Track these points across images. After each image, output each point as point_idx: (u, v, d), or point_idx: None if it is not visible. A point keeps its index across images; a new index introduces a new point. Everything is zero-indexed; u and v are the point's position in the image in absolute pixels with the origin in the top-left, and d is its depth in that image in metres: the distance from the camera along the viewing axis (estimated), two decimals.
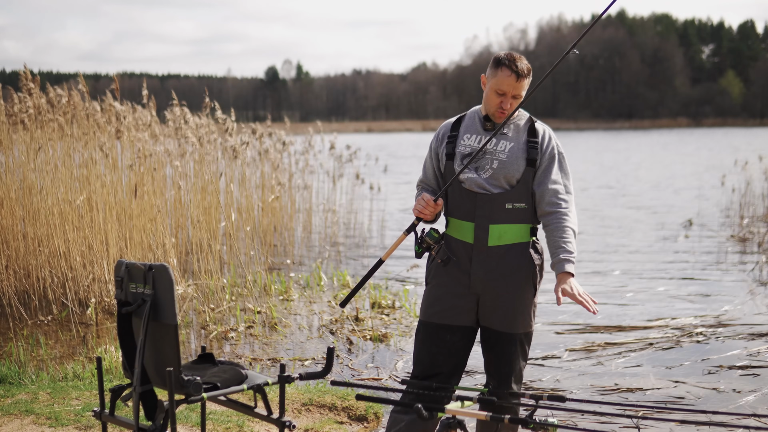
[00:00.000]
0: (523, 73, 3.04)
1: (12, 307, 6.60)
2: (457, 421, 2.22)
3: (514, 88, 3.04)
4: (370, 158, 13.03)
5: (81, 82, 7.41)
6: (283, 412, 2.72)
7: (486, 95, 3.12)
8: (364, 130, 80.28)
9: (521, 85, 3.05)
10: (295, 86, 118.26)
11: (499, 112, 3.08)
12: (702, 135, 57.25)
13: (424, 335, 3.18)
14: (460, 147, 3.15)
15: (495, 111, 3.09)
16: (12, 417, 4.11)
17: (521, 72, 3.03)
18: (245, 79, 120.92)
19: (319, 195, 12.09)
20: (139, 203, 7.29)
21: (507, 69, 3.03)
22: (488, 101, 3.10)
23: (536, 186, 3.09)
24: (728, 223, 12.80)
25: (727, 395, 4.84)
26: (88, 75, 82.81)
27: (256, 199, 9.72)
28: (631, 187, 19.30)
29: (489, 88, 3.09)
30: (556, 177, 3.09)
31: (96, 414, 2.80)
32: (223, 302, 6.94)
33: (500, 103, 3.06)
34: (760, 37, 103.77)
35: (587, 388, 4.99)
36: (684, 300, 7.49)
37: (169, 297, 2.58)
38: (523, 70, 3.04)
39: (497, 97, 3.07)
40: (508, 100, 3.05)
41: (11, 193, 7.10)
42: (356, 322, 6.50)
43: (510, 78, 3.03)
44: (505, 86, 3.04)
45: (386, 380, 5.18)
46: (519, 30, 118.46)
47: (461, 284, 3.11)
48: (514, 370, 3.15)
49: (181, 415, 4.19)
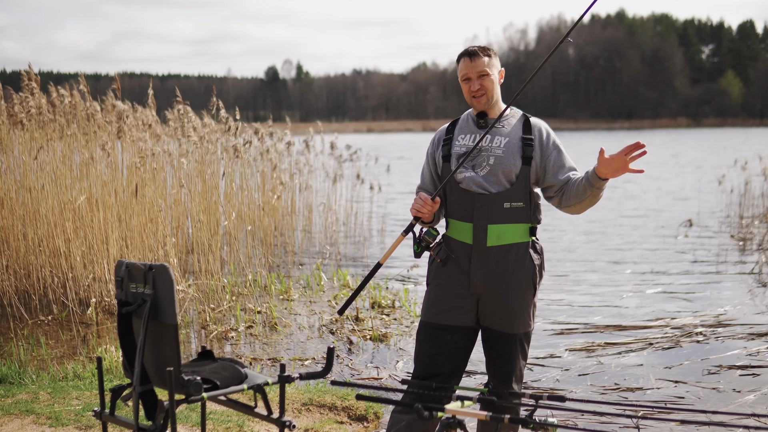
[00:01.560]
0: (475, 52, 3.13)
1: (12, 307, 6.60)
2: (457, 421, 2.22)
3: (473, 68, 3.12)
4: (370, 158, 13.01)
5: (82, 82, 7.41)
6: (283, 412, 2.72)
7: (462, 92, 3.21)
8: (364, 130, 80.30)
9: (479, 63, 3.12)
10: (295, 86, 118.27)
11: (473, 98, 3.16)
12: (702, 135, 57.25)
13: (424, 336, 3.19)
14: (456, 147, 3.18)
15: (470, 99, 3.18)
16: (12, 417, 4.11)
17: (472, 51, 3.14)
18: (245, 79, 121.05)
19: (318, 195, 12.09)
20: (140, 203, 7.29)
21: (463, 57, 3.17)
22: (465, 95, 3.20)
23: (552, 177, 3.12)
24: (728, 223, 12.80)
25: (727, 395, 4.84)
26: (89, 75, 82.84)
27: (258, 199, 9.72)
28: (630, 187, 19.30)
29: (460, 82, 3.20)
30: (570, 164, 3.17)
31: (96, 414, 2.80)
32: (223, 302, 6.94)
33: (469, 87, 3.14)
34: (759, 37, 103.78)
35: (587, 388, 4.99)
36: (684, 300, 7.49)
37: (169, 297, 2.58)
38: (474, 49, 3.14)
39: (466, 85, 3.17)
40: (475, 81, 3.14)
41: (11, 193, 7.10)
42: (356, 322, 6.50)
43: (466, 61, 3.14)
44: (465, 70, 3.15)
45: (386, 380, 5.18)
46: (519, 30, 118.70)
47: (461, 285, 3.12)
48: (515, 369, 3.16)
49: (181, 414, 4.19)
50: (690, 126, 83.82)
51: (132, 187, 7.25)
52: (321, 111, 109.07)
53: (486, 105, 3.15)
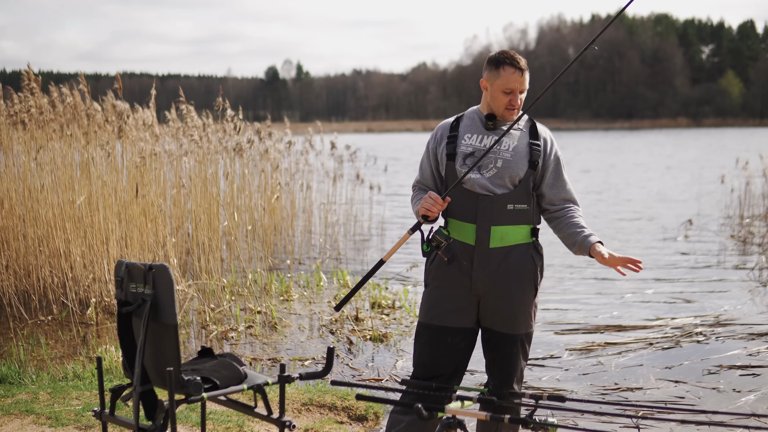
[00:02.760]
0: (526, 68, 3.13)
1: (12, 307, 6.60)
2: (457, 421, 2.22)
3: (521, 83, 3.11)
4: (369, 159, 13.01)
5: (82, 82, 7.41)
6: (283, 412, 2.72)
7: (492, 96, 3.13)
8: (364, 130, 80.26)
9: (525, 79, 3.12)
10: (295, 86, 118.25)
11: (509, 110, 3.12)
12: (702, 135, 57.24)
13: (425, 337, 3.17)
14: (462, 147, 3.15)
15: (504, 110, 3.12)
16: (12, 417, 4.11)
17: (524, 67, 3.12)
18: (245, 79, 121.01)
19: (319, 195, 12.10)
20: (140, 203, 7.29)
21: (510, 67, 3.08)
22: (495, 101, 3.12)
23: (546, 188, 3.16)
24: (728, 223, 12.80)
25: (727, 395, 4.84)
26: (89, 75, 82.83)
27: (258, 199, 9.72)
28: (631, 187, 19.30)
29: (495, 89, 3.11)
30: (565, 179, 3.20)
31: (96, 414, 2.80)
32: (223, 302, 6.94)
33: (509, 101, 3.10)
34: (759, 37, 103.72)
35: (587, 388, 4.99)
36: (684, 300, 7.49)
37: (169, 297, 2.58)
38: (525, 64, 3.13)
39: (506, 96, 3.10)
40: (517, 95, 3.11)
41: (11, 193, 7.10)
42: (356, 322, 6.50)
43: (515, 74, 3.08)
44: (512, 83, 3.08)
45: (386, 380, 5.18)
46: (519, 30, 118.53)
47: (462, 286, 3.11)
48: (516, 370, 3.16)
49: (181, 414, 4.19)
50: (690, 126, 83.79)
51: (132, 187, 7.25)
52: (321, 111, 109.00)
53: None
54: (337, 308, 3.25)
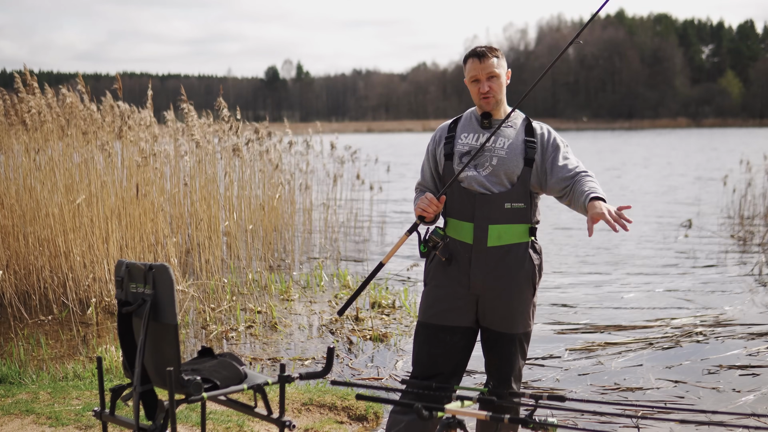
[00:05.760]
0: (484, 53, 3.12)
1: (12, 307, 6.60)
2: (457, 420, 2.22)
3: (483, 69, 3.11)
4: (370, 159, 13.01)
5: (80, 83, 7.41)
6: (283, 412, 2.72)
7: (470, 92, 3.20)
8: (364, 130, 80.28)
9: (488, 64, 3.11)
10: (295, 86, 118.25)
11: (483, 99, 3.14)
12: (701, 135, 57.25)
13: (423, 337, 3.18)
14: (458, 146, 3.17)
15: (479, 100, 3.16)
16: (12, 417, 4.11)
17: (481, 53, 3.12)
18: (245, 79, 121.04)
19: (319, 195, 12.09)
20: (140, 203, 7.29)
21: (471, 57, 3.15)
22: (472, 95, 3.19)
23: (553, 175, 3.09)
24: (728, 223, 12.80)
25: (727, 395, 4.84)
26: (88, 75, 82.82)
27: (258, 198, 9.72)
28: (631, 187, 19.30)
29: (467, 83, 3.19)
30: (566, 157, 3.13)
31: (96, 414, 2.80)
32: (223, 302, 6.94)
33: (479, 89, 3.13)
34: (759, 37, 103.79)
35: (587, 388, 4.99)
36: (684, 300, 7.49)
37: (169, 297, 2.58)
38: (483, 50, 3.13)
39: (475, 86, 3.15)
40: (484, 83, 3.12)
41: (11, 193, 7.10)
42: (356, 322, 6.50)
43: (475, 62, 3.13)
44: (474, 71, 3.13)
45: (386, 380, 5.18)
46: (519, 30, 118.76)
47: (461, 285, 3.12)
48: (514, 369, 3.16)
49: (181, 414, 4.19)
50: (690, 126, 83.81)
51: (132, 186, 7.25)
52: (321, 111, 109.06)
53: (495, 106, 3.16)
54: (339, 313, 3.26)
